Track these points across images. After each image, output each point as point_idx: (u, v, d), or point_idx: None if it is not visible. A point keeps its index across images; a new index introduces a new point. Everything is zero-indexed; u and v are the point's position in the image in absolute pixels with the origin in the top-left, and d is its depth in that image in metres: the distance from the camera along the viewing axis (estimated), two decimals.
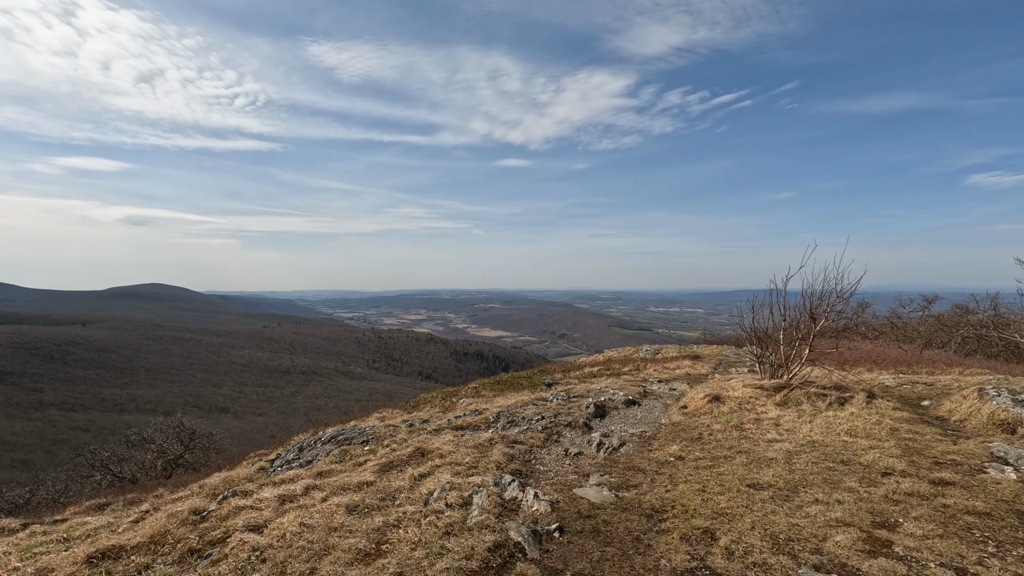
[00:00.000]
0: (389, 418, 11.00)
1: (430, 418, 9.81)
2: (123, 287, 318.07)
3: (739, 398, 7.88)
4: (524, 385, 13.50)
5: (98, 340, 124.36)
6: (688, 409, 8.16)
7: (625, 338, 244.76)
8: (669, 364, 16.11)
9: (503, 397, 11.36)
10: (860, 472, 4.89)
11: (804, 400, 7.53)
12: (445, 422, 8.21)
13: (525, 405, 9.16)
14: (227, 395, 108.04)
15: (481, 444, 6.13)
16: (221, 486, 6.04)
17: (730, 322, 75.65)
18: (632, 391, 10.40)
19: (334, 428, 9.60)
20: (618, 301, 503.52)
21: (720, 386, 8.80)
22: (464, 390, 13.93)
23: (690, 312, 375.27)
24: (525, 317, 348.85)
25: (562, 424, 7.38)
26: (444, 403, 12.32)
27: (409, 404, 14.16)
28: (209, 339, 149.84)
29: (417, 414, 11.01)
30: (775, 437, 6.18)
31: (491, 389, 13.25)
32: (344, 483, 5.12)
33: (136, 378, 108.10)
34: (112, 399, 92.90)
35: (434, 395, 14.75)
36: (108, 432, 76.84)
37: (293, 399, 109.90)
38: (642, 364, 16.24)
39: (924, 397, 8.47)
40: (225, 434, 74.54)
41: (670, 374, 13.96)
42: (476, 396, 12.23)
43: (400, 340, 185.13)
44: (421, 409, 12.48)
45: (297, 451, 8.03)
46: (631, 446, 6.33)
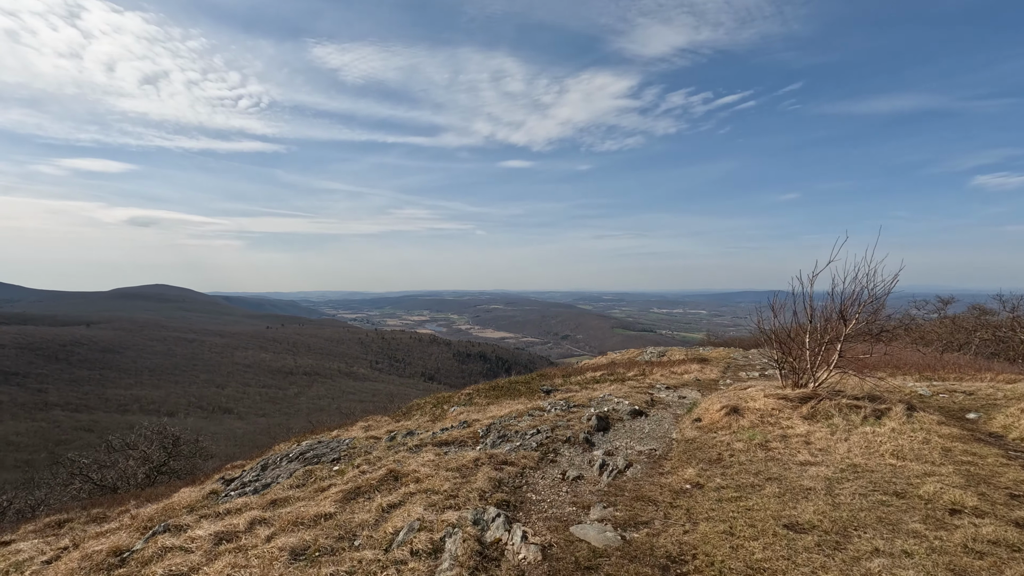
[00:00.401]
0: (375, 427, 10.22)
1: (417, 428, 9.05)
2: (127, 288, 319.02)
3: (760, 410, 6.95)
4: (521, 391, 12.65)
5: (102, 341, 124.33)
6: (703, 423, 7.26)
7: (628, 339, 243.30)
8: (676, 368, 15.29)
9: (497, 405, 10.54)
10: (921, 509, 3.98)
11: (835, 413, 6.61)
12: (429, 436, 7.36)
13: (520, 416, 8.35)
14: (230, 396, 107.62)
15: (465, 466, 5.27)
16: (157, 516, 5.21)
17: (733, 323, 76.37)
18: (638, 399, 9.54)
19: (310, 440, 8.79)
20: (621, 302, 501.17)
21: (738, 396, 7.86)
22: (458, 396, 13.13)
23: (693, 313, 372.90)
24: (528, 318, 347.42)
25: (560, 440, 6.50)
26: (435, 411, 11.59)
27: (400, 411, 13.40)
28: (213, 340, 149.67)
29: (405, 423, 10.24)
30: (808, 459, 5.26)
31: (486, 396, 12.40)
32: (298, 516, 4.28)
33: (140, 379, 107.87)
34: (116, 399, 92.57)
35: (427, 401, 13.93)
36: (111, 433, 75.90)
37: (296, 400, 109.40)
38: (647, 368, 15.39)
39: (968, 408, 7.54)
40: (227, 435, 73.60)
41: (678, 379, 13.14)
42: (468, 404, 11.43)
43: (403, 341, 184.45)
44: (411, 417, 11.75)
45: (260, 469, 7.20)
46: (639, 468, 5.46)
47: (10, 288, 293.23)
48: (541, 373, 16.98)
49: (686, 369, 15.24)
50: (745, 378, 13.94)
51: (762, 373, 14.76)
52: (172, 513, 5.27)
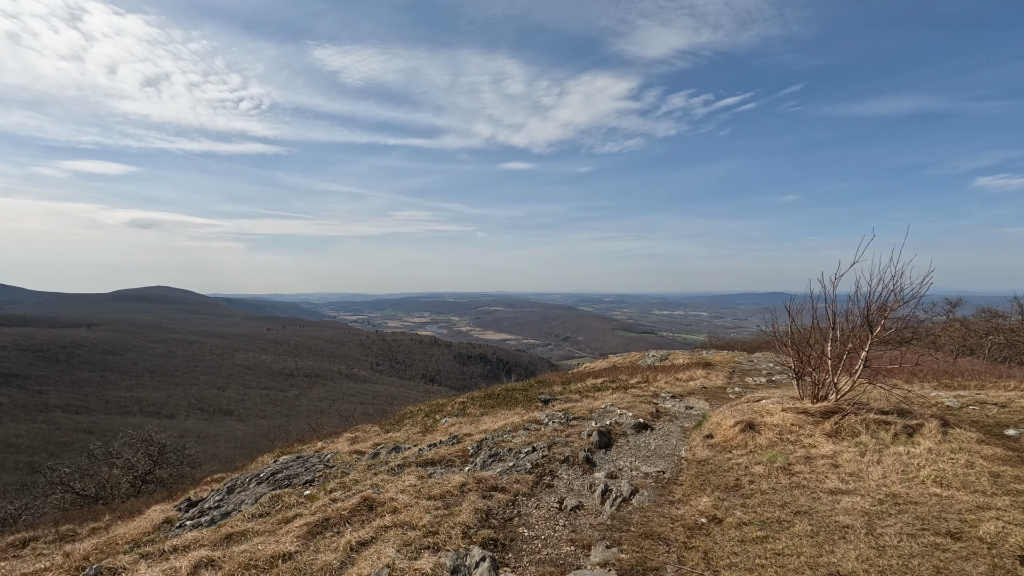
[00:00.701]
0: (362, 439, 9.70)
1: (406, 441, 8.54)
2: (129, 290, 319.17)
3: (779, 426, 6.31)
4: (518, 400, 12.01)
5: (103, 342, 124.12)
6: (715, 440, 6.59)
7: (629, 341, 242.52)
8: (680, 374, 14.80)
9: (491, 416, 9.95)
10: (986, 556, 3.31)
11: (862, 430, 5.97)
12: (415, 453, 6.76)
13: (515, 430, 7.83)
14: (231, 398, 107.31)
15: (449, 492, 4.65)
16: (95, 553, 4.60)
17: (734, 325, 75.48)
18: (642, 410, 8.95)
19: (288, 456, 8.20)
20: (622, 304, 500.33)
21: (752, 409, 7.18)
22: (451, 405, 12.48)
23: (694, 315, 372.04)
24: (529, 320, 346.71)
25: (557, 459, 5.87)
26: (426, 421, 11.00)
27: (391, 419, 12.85)
28: (213, 341, 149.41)
29: (393, 435, 9.69)
30: (839, 486, 4.62)
31: (480, 405, 11.75)
32: (253, 556, 3.68)
33: (141, 380, 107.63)
34: (117, 401, 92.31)
35: (420, 409, 13.31)
36: (112, 435, 75.58)
37: (297, 402, 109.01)
38: (651, 375, 14.73)
39: (1004, 424, 6.88)
40: (228, 437, 73.10)
41: (683, 387, 12.55)
42: (461, 414, 10.76)
43: (404, 343, 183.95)
44: (402, 426, 11.22)
45: (226, 492, 6.57)
46: (646, 494, 4.84)
47: (11, 290, 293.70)
48: (540, 380, 16.31)
49: (691, 375, 14.66)
50: (752, 384, 13.58)
51: (769, 379, 14.34)
52: (112, 549, 4.66)
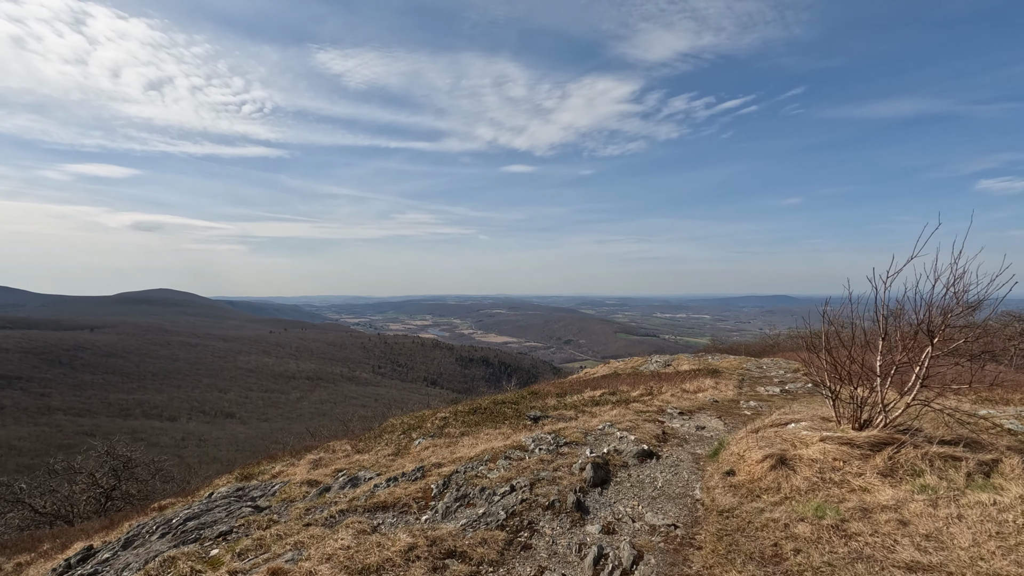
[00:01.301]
0: (326, 461, 8.65)
1: (371, 467, 7.50)
2: (131, 292, 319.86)
3: (817, 461, 4.98)
4: (507, 415, 10.70)
5: (106, 345, 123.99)
6: (738, 478, 5.28)
7: (631, 344, 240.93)
8: (687, 384, 13.55)
9: (472, 437, 8.89)
10: None
11: (924, 467, 4.69)
12: (369, 491, 5.51)
13: (494, 459, 6.62)
14: (233, 400, 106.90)
15: (390, 562, 3.45)
16: None
17: (737, 328, 73.65)
18: (646, 432, 7.75)
19: (229, 487, 7.05)
20: (624, 307, 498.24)
21: (781, 437, 5.91)
22: (432, 420, 11.21)
23: (696, 318, 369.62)
24: (531, 323, 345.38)
25: (540, 504, 4.59)
26: (401, 440, 9.82)
27: (371, 433, 11.77)
28: (216, 344, 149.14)
29: (362, 457, 8.63)
30: (916, 558, 3.35)
31: (463, 421, 10.49)
32: None
33: (143, 383, 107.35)
34: (119, 404, 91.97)
35: (402, 421, 12.14)
36: (114, 437, 74.94)
37: (298, 404, 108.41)
38: (655, 385, 13.40)
39: None
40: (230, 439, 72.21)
41: (691, 400, 11.33)
42: (439, 434, 9.54)
43: (406, 346, 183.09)
44: (377, 444, 10.12)
45: (121, 546, 5.38)
46: (654, 561, 3.61)
47: (15, 292, 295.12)
48: (533, 390, 14.74)
49: (699, 386, 13.44)
50: (765, 395, 12.46)
51: (783, 388, 13.35)
52: None
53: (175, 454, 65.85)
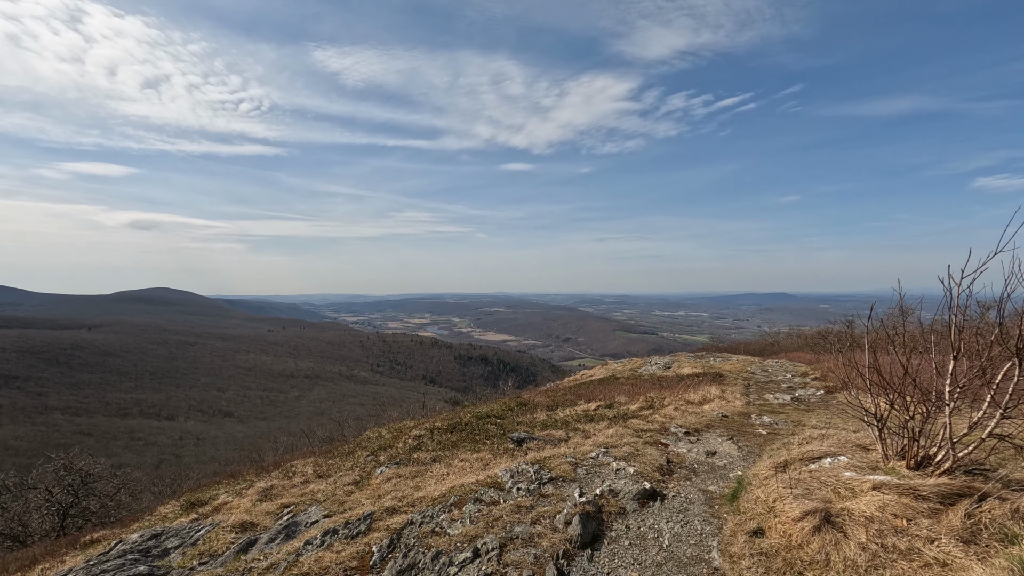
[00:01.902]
0: (276, 492, 8.42)
1: (325, 500, 7.29)
2: (129, 291, 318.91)
3: (874, 519, 3.97)
4: (489, 433, 9.85)
5: (103, 344, 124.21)
6: (770, 542, 4.10)
7: (630, 342, 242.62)
8: (691, 394, 12.45)
9: (444, 466, 8.01)
10: None
11: (1018, 528, 3.58)
12: (287, 559, 5.05)
13: (461, 502, 5.62)
14: (231, 399, 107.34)
15: None
16: None
17: (735, 326, 73.78)
18: (648, 462, 6.64)
19: (138, 535, 7.26)
20: (623, 305, 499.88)
21: (820, 480, 4.75)
22: (404, 439, 10.38)
23: (695, 316, 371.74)
24: (530, 321, 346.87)
25: None
26: (369, 462, 9.36)
27: (344, 449, 11.29)
28: (214, 343, 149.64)
29: (318, 487, 8.31)
30: None
31: (438, 442, 9.64)
32: None
33: (141, 382, 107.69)
34: (116, 403, 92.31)
35: (380, 434, 11.78)
36: (111, 436, 76.30)
37: (297, 403, 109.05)
38: (656, 395, 12.53)
39: None
40: (228, 438, 72.67)
41: (697, 415, 10.14)
42: (407, 460, 8.71)
43: (404, 344, 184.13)
44: (344, 463, 9.80)
45: None
46: None
47: (12, 292, 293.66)
48: (522, 401, 13.42)
49: (704, 395, 12.32)
50: (776, 405, 11.47)
51: (793, 396, 12.59)
52: None
53: (173, 453, 66.63)
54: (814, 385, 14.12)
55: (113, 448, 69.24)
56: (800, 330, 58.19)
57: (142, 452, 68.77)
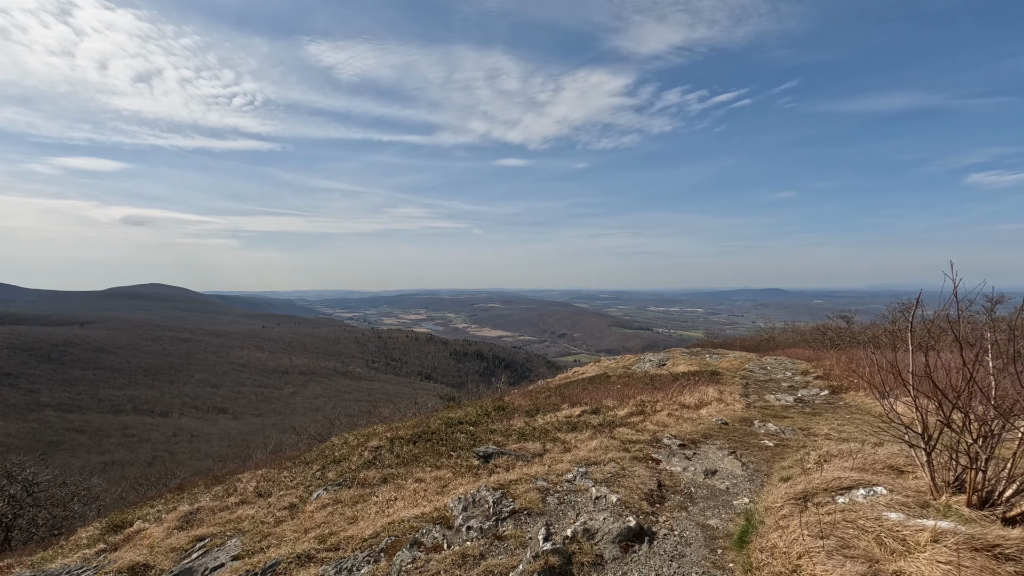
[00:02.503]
0: (205, 513, 7.64)
1: (245, 532, 6.38)
2: (122, 287, 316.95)
3: None
4: (459, 443, 8.75)
5: (96, 340, 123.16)
6: None
7: (625, 338, 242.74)
8: (686, 396, 11.43)
9: (392, 488, 6.86)
10: None
11: None
12: None
13: (394, 548, 4.59)
14: (225, 396, 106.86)
15: None
16: None
17: (730, 321, 73.25)
18: (634, 486, 5.50)
19: None
20: (618, 301, 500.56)
21: (858, 525, 3.61)
22: (360, 451, 9.32)
23: (690, 312, 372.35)
24: (525, 317, 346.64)
25: None
26: (314, 480, 8.39)
27: (305, 456, 10.38)
28: (208, 339, 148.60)
29: (247, 511, 7.32)
30: None
31: (395, 457, 8.49)
32: None
33: (134, 379, 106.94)
34: (109, 400, 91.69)
35: (346, 440, 10.83)
36: (104, 433, 75.65)
37: (292, 399, 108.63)
38: (648, 399, 11.27)
39: None
40: (222, 435, 71.91)
41: (692, 421, 9.12)
42: (353, 480, 7.53)
43: (400, 340, 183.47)
44: (292, 478, 8.87)
45: None
46: None
47: (3, 288, 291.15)
48: (501, 404, 12.12)
49: (700, 397, 11.24)
50: (778, 407, 10.62)
51: (795, 396, 11.82)
52: None
53: (166, 450, 66.04)
54: (817, 384, 13.42)
55: (106, 445, 68.47)
56: (796, 325, 57.59)
57: (135, 449, 68.10)
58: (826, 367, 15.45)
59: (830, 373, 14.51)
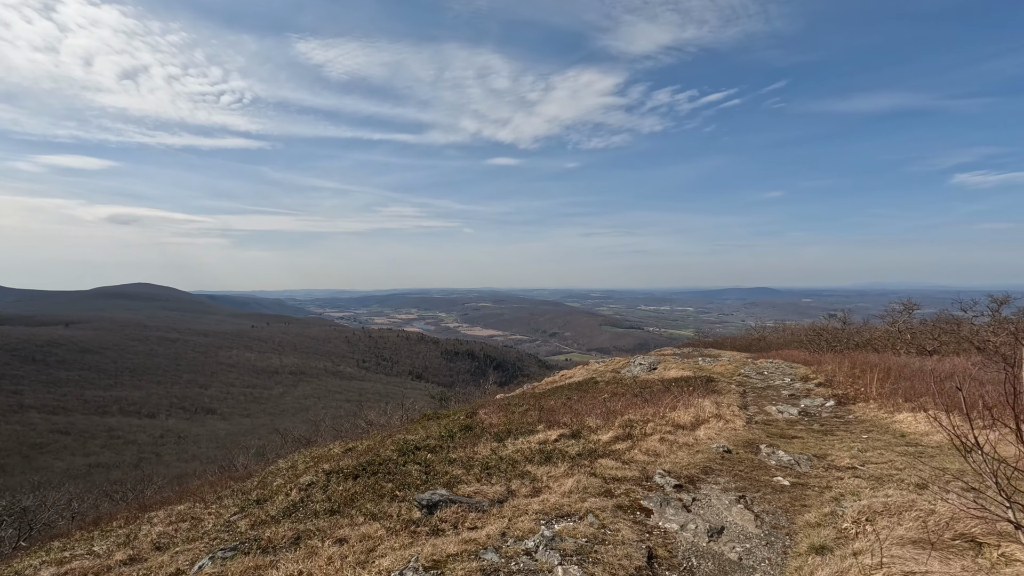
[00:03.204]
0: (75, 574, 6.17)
1: None
2: (109, 287, 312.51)
3: None
4: (411, 480, 7.14)
5: (81, 341, 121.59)
6: None
7: (616, 336, 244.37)
8: (680, 413, 10.00)
9: (300, 558, 4.86)
10: None
11: None
12: None
13: None
14: (214, 396, 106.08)
15: None
16: None
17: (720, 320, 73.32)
18: (615, 561, 4.15)
19: None
20: (609, 300, 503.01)
21: None
22: (288, 490, 7.97)
23: (680, 311, 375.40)
24: (516, 316, 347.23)
25: None
26: (218, 535, 6.69)
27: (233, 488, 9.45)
28: (196, 339, 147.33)
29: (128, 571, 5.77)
30: None
31: (326, 499, 6.95)
32: None
33: (120, 379, 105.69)
34: (95, 401, 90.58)
35: (291, 465, 9.95)
36: (89, 435, 74.82)
37: (281, 400, 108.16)
38: (637, 419, 9.62)
39: None
40: (210, 436, 71.33)
41: (690, 450, 7.75)
42: (253, 545, 5.52)
43: (390, 339, 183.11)
44: (209, 518, 7.89)
45: None
46: None
47: None
48: (468, 424, 10.65)
49: (696, 414, 9.89)
50: (782, 422, 9.75)
51: (798, 408, 10.97)
52: None
53: (153, 452, 65.52)
54: (820, 393, 12.63)
55: (91, 447, 67.83)
56: (786, 324, 57.30)
57: (121, 451, 67.50)
58: (827, 373, 14.63)
59: (833, 380, 13.72)
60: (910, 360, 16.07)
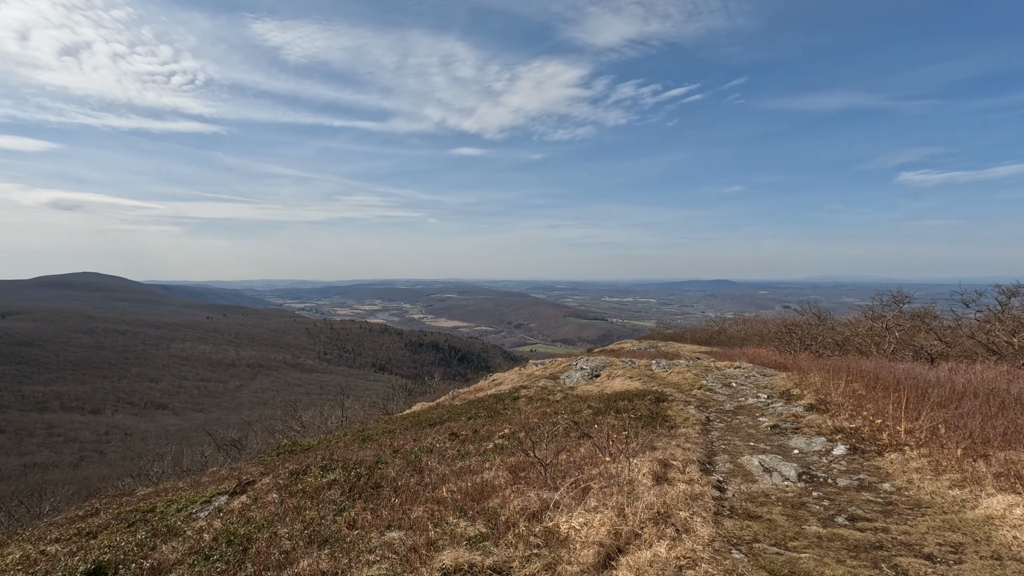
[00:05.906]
0: None
1: None
2: (51, 276, 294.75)
3: None
4: None
5: (19, 333, 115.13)
6: None
7: (580, 327, 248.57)
8: (592, 500, 4.64)
9: None
10: None
11: None
12: None
13: None
14: (165, 390, 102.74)
15: None
16: None
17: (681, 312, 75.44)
18: None
19: None
20: (574, 291, 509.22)
21: None
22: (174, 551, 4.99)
23: (643, 302, 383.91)
24: (482, 307, 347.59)
25: None
26: None
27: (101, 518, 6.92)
28: (147, 331, 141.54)
29: None
30: None
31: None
32: None
33: (63, 373, 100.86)
34: (33, 396, 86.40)
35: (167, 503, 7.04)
36: (26, 433, 71.13)
37: (238, 393, 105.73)
38: (557, 462, 6.14)
39: None
40: (160, 432, 69.49)
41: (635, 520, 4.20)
42: None
43: (353, 331, 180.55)
44: None
45: None
46: None
47: None
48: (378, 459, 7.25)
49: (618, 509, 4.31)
50: (769, 494, 5.27)
51: (805, 470, 6.04)
52: None
53: (96, 450, 63.02)
54: (815, 424, 8.38)
55: (28, 446, 64.68)
56: (744, 316, 57.42)
57: (60, 449, 64.54)
58: (815, 388, 10.68)
59: (828, 401, 9.53)
60: (918, 368, 13.37)
